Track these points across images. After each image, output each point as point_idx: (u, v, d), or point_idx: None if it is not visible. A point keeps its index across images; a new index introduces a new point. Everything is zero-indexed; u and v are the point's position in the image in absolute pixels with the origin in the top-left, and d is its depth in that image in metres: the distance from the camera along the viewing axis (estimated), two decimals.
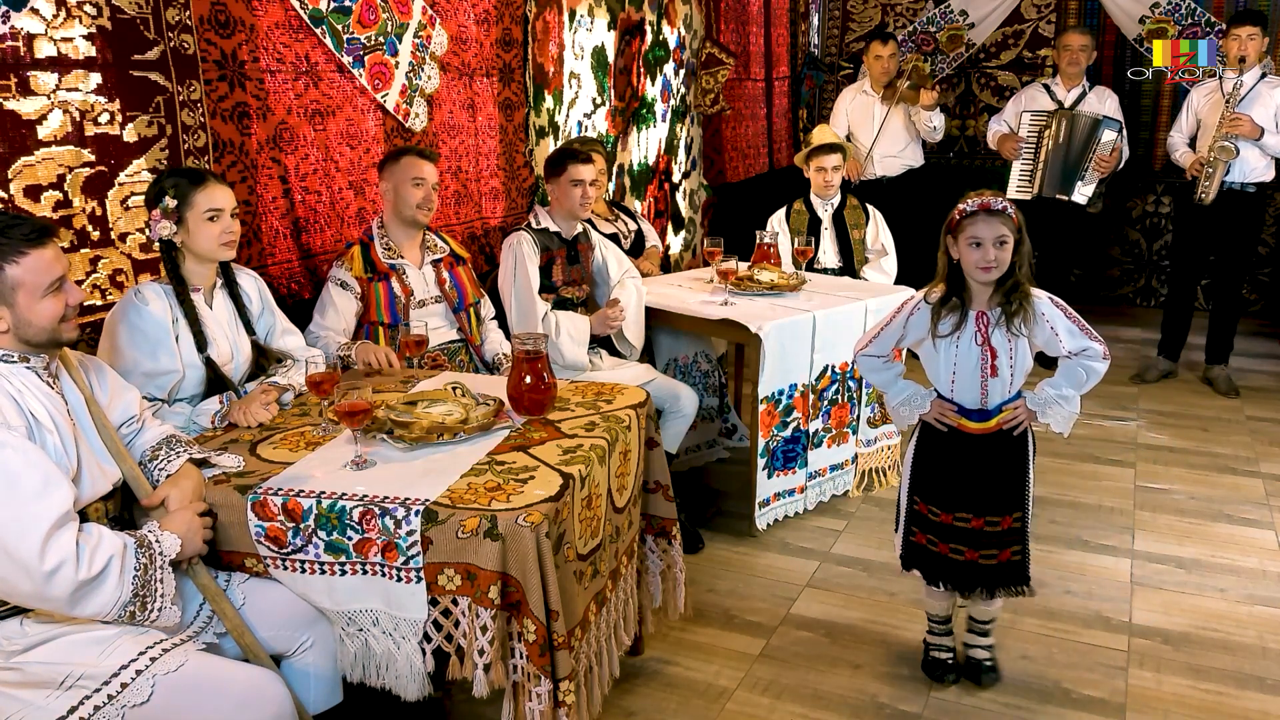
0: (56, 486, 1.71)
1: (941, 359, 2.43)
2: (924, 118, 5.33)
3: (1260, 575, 3.24)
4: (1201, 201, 4.75)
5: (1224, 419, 4.65)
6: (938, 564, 2.55)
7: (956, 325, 2.39)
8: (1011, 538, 2.49)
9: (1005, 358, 2.38)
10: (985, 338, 2.38)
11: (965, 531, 2.49)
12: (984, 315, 2.38)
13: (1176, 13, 6.05)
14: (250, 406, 2.36)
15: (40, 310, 1.79)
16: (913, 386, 2.52)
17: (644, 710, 2.57)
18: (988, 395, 2.42)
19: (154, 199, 2.35)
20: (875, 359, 2.54)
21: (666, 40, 5.34)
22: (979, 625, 2.67)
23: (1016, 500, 2.48)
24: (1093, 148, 5.10)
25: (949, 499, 2.50)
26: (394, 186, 2.98)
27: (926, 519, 2.54)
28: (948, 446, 2.49)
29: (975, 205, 2.32)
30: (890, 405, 2.55)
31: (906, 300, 2.50)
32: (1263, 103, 4.65)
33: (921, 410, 2.49)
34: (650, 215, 5.36)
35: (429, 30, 3.51)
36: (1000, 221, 2.30)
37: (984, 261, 2.30)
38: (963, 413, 2.45)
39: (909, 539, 2.58)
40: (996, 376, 2.39)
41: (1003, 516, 2.47)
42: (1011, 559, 2.51)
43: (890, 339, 2.50)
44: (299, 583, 2.01)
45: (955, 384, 2.44)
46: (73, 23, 2.34)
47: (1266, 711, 2.55)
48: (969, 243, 2.32)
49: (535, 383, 2.36)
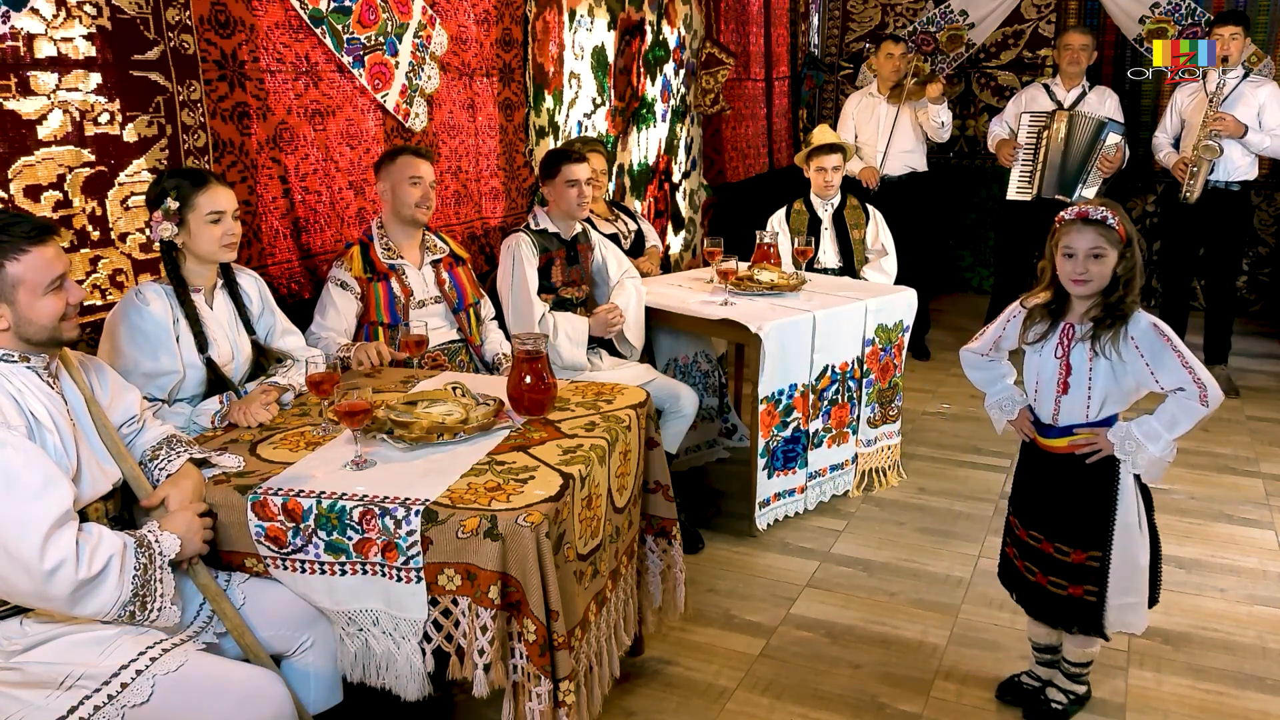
0: (56, 486, 1.71)
1: (1028, 366, 2.38)
2: (932, 113, 5.29)
3: (1260, 575, 3.24)
4: (1186, 200, 4.77)
5: (1224, 419, 4.65)
6: (1016, 579, 2.48)
7: (1043, 334, 2.32)
8: (1086, 575, 2.33)
9: (1082, 376, 2.26)
10: (1066, 351, 2.28)
11: (1037, 552, 2.40)
12: (1070, 328, 2.28)
13: (1176, 13, 6.05)
14: (250, 407, 2.36)
15: (41, 308, 1.79)
16: (1009, 390, 2.46)
17: (644, 710, 2.57)
18: (1059, 412, 2.32)
19: (155, 200, 2.35)
20: (974, 355, 2.50)
21: (666, 40, 5.34)
22: (1068, 666, 2.51)
23: (1096, 538, 2.31)
24: (1097, 149, 5.10)
25: (1027, 514, 2.43)
26: (391, 186, 2.98)
27: (1013, 530, 2.48)
28: (1031, 459, 2.44)
29: (1073, 214, 2.23)
30: (986, 405, 2.51)
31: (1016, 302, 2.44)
32: (1245, 102, 4.68)
33: (1009, 416, 2.44)
34: (650, 215, 5.36)
35: (429, 30, 3.51)
36: (1097, 233, 2.18)
37: (1075, 273, 2.20)
38: (1038, 426, 2.39)
39: (1003, 548, 2.53)
40: (1068, 394, 2.29)
41: (1075, 549, 2.33)
42: (1085, 598, 2.34)
43: (991, 338, 2.46)
44: (299, 583, 2.01)
45: (1037, 395, 2.37)
46: (73, 23, 2.34)
47: (1266, 711, 2.56)
48: (1064, 252, 2.23)
49: (535, 383, 2.36)
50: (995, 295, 5.74)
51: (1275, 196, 6.34)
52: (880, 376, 3.79)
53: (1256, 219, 6.18)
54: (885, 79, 5.50)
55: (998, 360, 2.51)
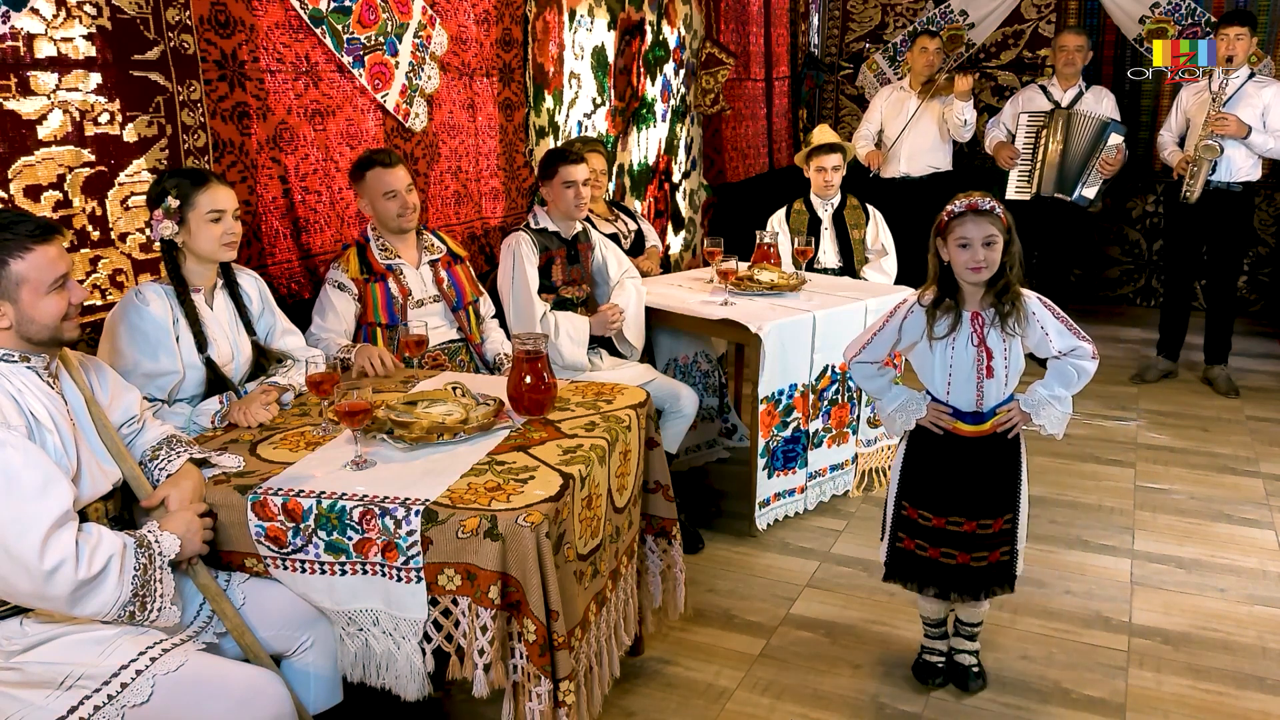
0: (56, 486, 1.71)
1: (937, 361, 2.42)
2: (956, 109, 5.26)
3: (1260, 575, 3.24)
4: (1186, 200, 4.77)
5: (1224, 419, 4.65)
6: (926, 569, 2.52)
7: (952, 327, 2.38)
8: (1002, 539, 2.48)
9: (1001, 359, 2.37)
10: (981, 339, 2.37)
11: (957, 535, 2.47)
12: (979, 316, 2.37)
13: (1176, 13, 6.06)
14: (250, 407, 2.36)
15: (43, 307, 1.79)
16: (906, 392, 2.49)
17: (644, 710, 2.57)
18: (983, 397, 2.40)
19: (156, 199, 2.35)
20: (869, 365, 2.51)
21: (666, 40, 5.34)
22: (966, 628, 2.65)
23: (1009, 502, 2.47)
24: (1100, 149, 5.10)
25: (941, 503, 2.48)
26: (370, 203, 2.98)
27: (916, 524, 2.51)
28: (940, 450, 2.47)
29: (963, 206, 2.32)
30: (885, 413, 2.51)
31: (898, 305, 2.47)
32: (1249, 102, 4.68)
33: (918, 415, 2.46)
34: (650, 215, 5.36)
35: (429, 30, 3.51)
36: (988, 222, 2.29)
37: (973, 262, 2.29)
38: (958, 415, 2.43)
39: (895, 545, 2.56)
40: (992, 378, 2.38)
41: (995, 519, 2.46)
42: (1000, 559, 2.49)
43: (884, 344, 2.48)
44: (299, 583, 2.01)
45: (951, 386, 2.42)
46: (73, 23, 2.34)
47: (1266, 711, 2.56)
48: (958, 243, 2.31)
49: (535, 383, 2.36)
50: None
51: (1275, 196, 6.34)
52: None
53: (1256, 219, 6.18)
54: (918, 74, 5.49)
55: (883, 365, 2.54)
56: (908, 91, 5.53)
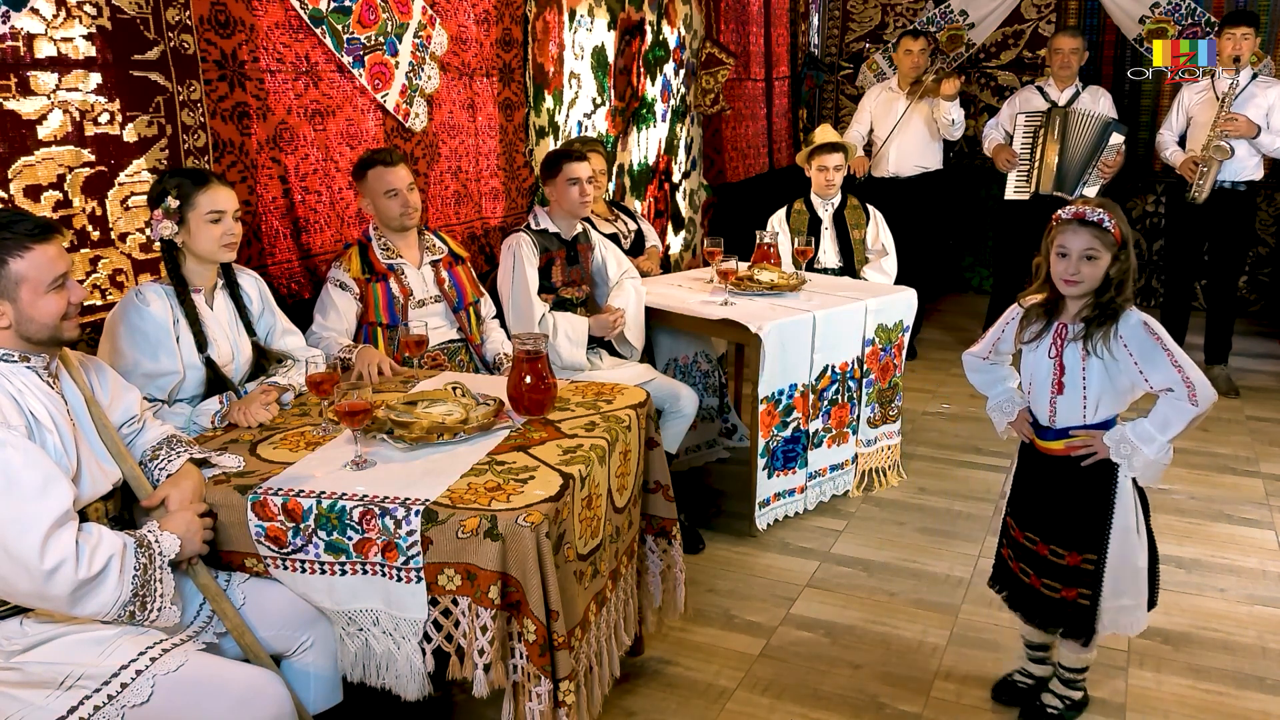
0: (56, 486, 1.71)
1: (1023, 367, 2.37)
2: (944, 109, 5.28)
3: (1260, 575, 3.24)
4: (1194, 201, 4.77)
5: (1224, 419, 4.65)
6: (1010, 580, 2.47)
7: (1038, 334, 2.30)
8: (1080, 578, 2.32)
9: (1075, 376, 2.25)
10: (1059, 351, 2.26)
11: (1031, 553, 2.39)
12: (1064, 328, 2.26)
13: (1176, 13, 6.06)
14: (250, 407, 2.36)
15: (43, 307, 1.79)
16: (1010, 392, 2.44)
17: (644, 710, 2.57)
18: (1055, 413, 2.31)
19: (156, 199, 2.35)
20: (975, 358, 2.49)
21: (666, 40, 5.34)
22: (1062, 671, 2.49)
23: (1091, 540, 2.30)
24: (1100, 151, 5.10)
25: (1024, 516, 2.42)
26: (371, 202, 2.99)
27: (1008, 531, 2.47)
28: (1030, 461, 2.42)
29: (1070, 214, 2.21)
30: (987, 408, 2.49)
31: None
32: (1255, 102, 4.69)
33: (1009, 418, 2.42)
34: (650, 215, 5.36)
35: (429, 30, 3.51)
36: (1092, 234, 2.16)
37: (1066, 273, 2.19)
38: (1036, 428, 2.37)
39: (999, 551, 2.52)
40: (1062, 394, 2.27)
41: (1070, 551, 2.32)
42: (1078, 601, 2.33)
43: (991, 340, 2.45)
44: (299, 583, 2.01)
45: (1030, 396, 2.36)
46: (73, 23, 2.34)
47: (1266, 711, 2.56)
48: (1057, 251, 2.21)
49: (535, 383, 2.36)
50: (995, 296, 5.74)
51: (1275, 197, 6.34)
52: (880, 376, 3.79)
53: (1257, 219, 6.18)
54: (905, 75, 5.50)
55: (999, 363, 2.50)
56: (896, 92, 5.54)
